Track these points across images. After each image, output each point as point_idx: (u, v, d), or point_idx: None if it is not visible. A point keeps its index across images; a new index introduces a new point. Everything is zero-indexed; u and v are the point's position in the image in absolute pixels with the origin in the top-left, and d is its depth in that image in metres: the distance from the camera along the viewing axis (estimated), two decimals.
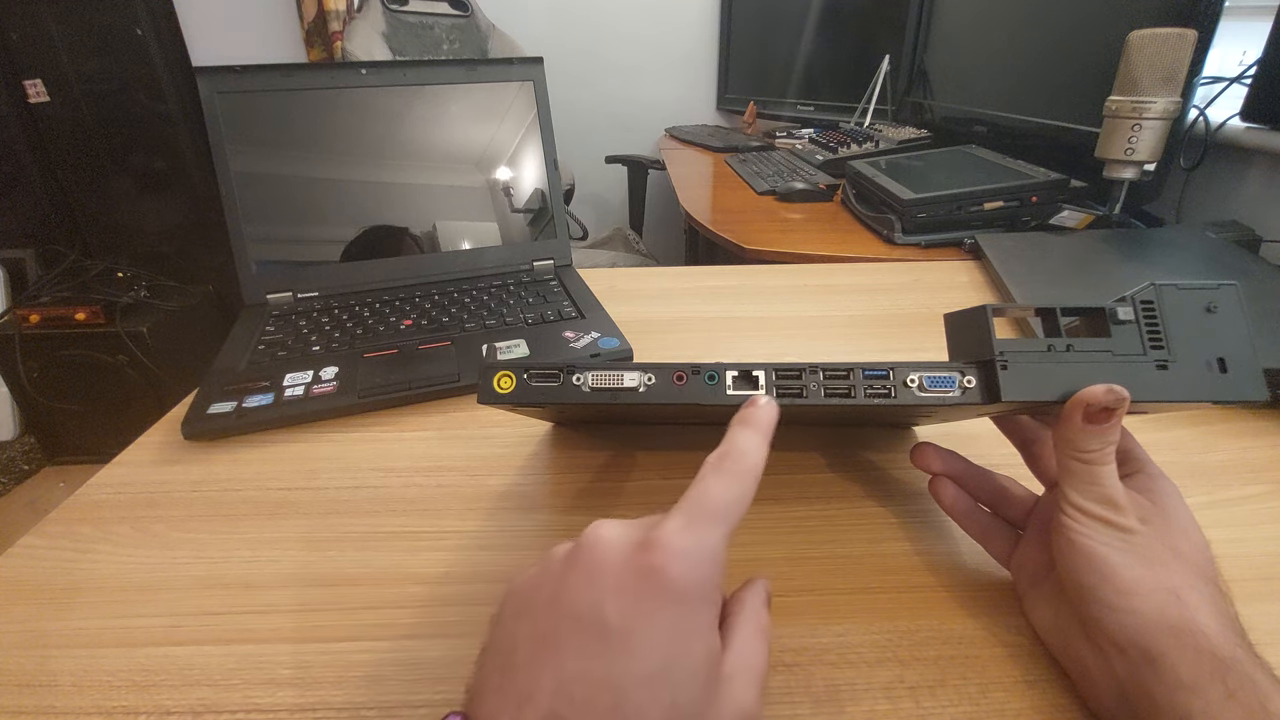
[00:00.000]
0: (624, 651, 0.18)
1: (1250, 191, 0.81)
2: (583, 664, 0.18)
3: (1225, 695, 0.20)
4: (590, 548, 0.20)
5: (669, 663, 0.18)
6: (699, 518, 0.20)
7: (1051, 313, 0.28)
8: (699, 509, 0.21)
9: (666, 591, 0.19)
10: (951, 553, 0.33)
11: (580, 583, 0.20)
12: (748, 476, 0.22)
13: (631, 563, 0.19)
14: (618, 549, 0.20)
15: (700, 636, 0.19)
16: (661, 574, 0.19)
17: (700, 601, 0.19)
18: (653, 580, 0.19)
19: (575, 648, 0.19)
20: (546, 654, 0.19)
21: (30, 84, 1.70)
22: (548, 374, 0.29)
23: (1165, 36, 0.64)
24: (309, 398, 0.45)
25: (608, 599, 0.19)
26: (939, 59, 1.21)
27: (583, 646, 0.18)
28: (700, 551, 0.20)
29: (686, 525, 0.20)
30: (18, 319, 1.50)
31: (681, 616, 0.19)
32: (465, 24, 1.60)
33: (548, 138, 0.66)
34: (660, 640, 0.18)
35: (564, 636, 0.19)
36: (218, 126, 0.58)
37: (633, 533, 0.21)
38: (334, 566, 0.33)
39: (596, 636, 0.18)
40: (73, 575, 0.33)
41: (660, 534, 0.20)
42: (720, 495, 0.21)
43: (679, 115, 2.05)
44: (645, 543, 0.20)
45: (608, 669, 0.18)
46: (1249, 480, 0.37)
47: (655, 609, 0.19)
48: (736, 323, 0.59)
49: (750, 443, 0.23)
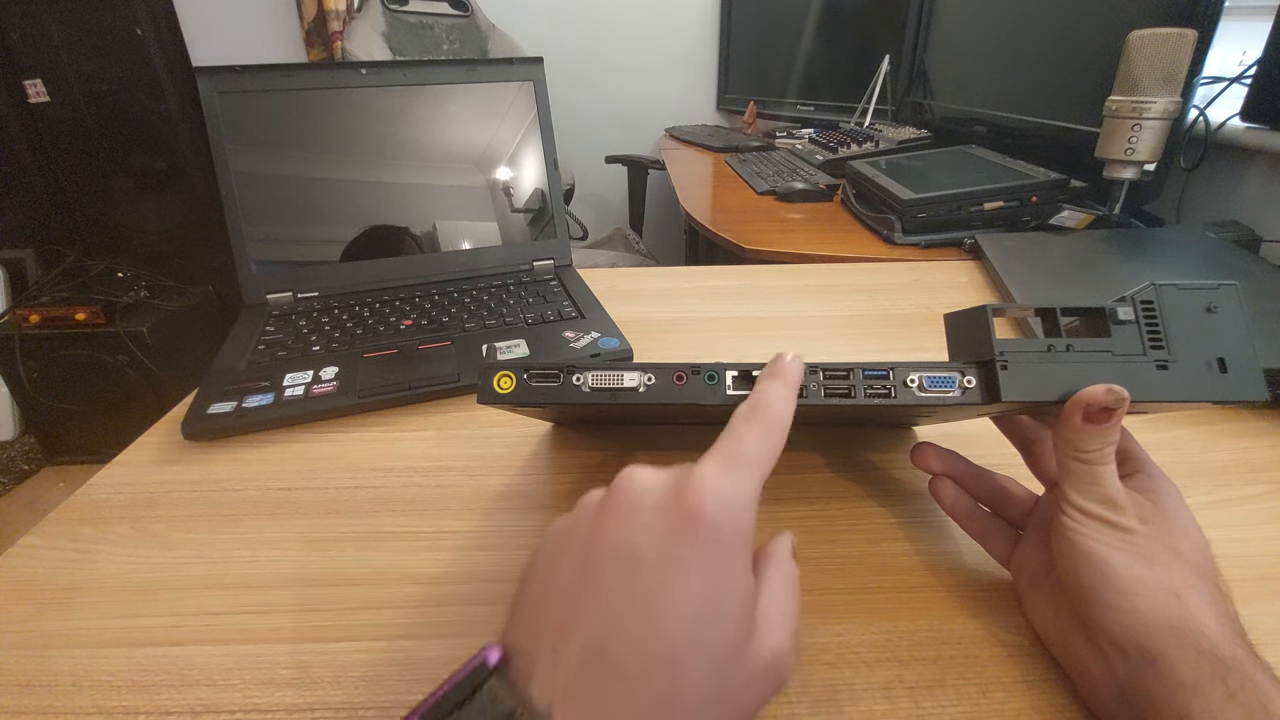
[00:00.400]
0: (663, 586, 0.18)
1: (1250, 191, 0.81)
2: (622, 599, 0.18)
3: (1225, 695, 0.20)
4: (626, 489, 0.20)
5: (707, 599, 0.18)
6: (734, 463, 0.20)
7: (1051, 313, 0.28)
8: (733, 455, 0.21)
9: (704, 530, 0.19)
10: (951, 553, 0.33)
11: (618, 522, 0.20)
12: (777, 427, 0.22)
13: (669, 502, 0.19)
14: (654, 490, 0.20)
15: (737, 575, 0.19)
16: (699, 513, 0.19)
17: (736, 543, 0.19)
18: (691, 519, 0.19)
19: (614, 584, 0.19)
20: (585, 590, 0.19)
21: (30, 84, 1.70)
22: (548, 374, 0.29)
23: (1165, 36, 0.64)
24: (309, 398, 0.45)
25: (645, 537, 0.19)
26: (939, 59, 1.21)
27: (622, 582, 0.19)
28: (737, 495, 0.20)
29: (723, 469, 0.20)
30: (18, 319, 1.50)
31: (719, 555, 0.19)
32: (465, 24, 1.60)
33: (548, 138, 0.66)
34: (699, 577, 0.19)
35: (603, 573, 0.19)
36: (218, 126, 0.58)
37: (667, 476, 0.21)
38: (333, 566, 0.33)
39: (635, 573, 0.18)
40: (73, 575, 0.33)
41: (697, 476, 0.20)
42: (753, 443, 0.21)
43: (679, 115, 2.05)
44: (682, 483, 0.20)
45: (647, 603, 0.18)
46: (1249, 480, 0.37)
47: (693, 547, 0.19)
48: (736, 323, 0.59)
49: (779, 394, 0.23)
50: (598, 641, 0.18)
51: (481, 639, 0.29)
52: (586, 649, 0.18)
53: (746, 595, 0.20)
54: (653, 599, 0.18)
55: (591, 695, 0.17)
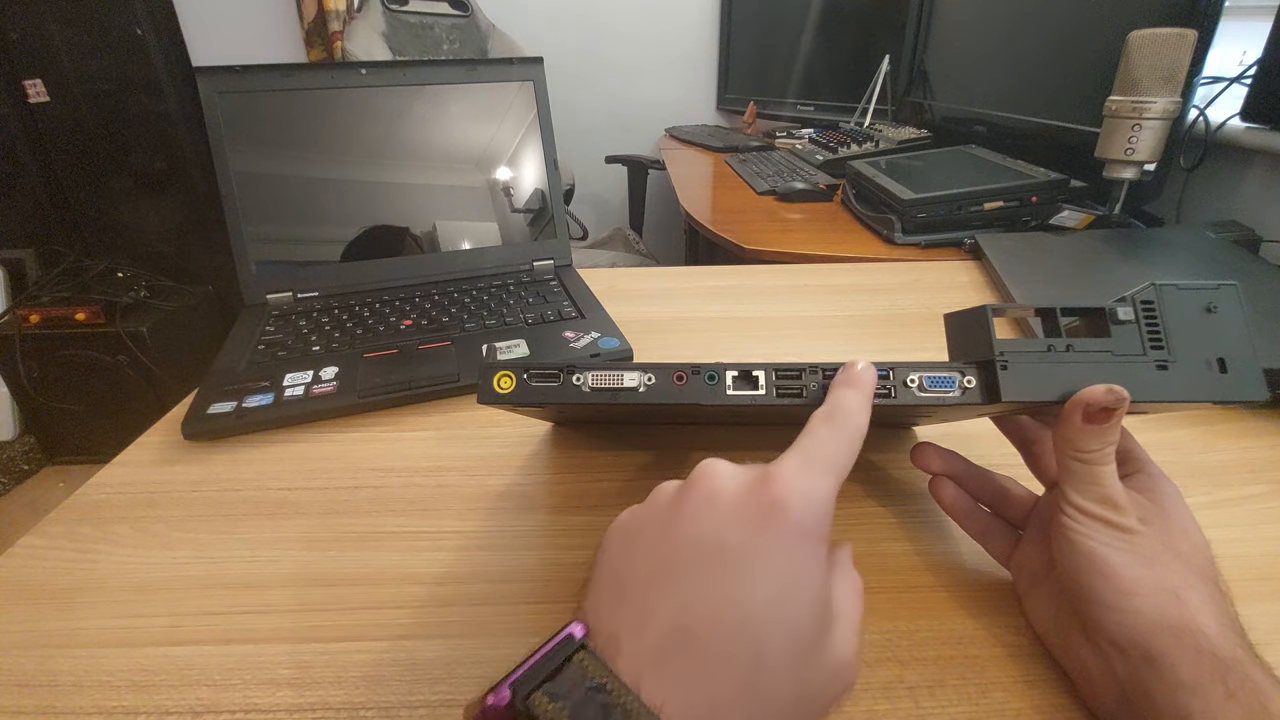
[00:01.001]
0: (746, 574, 0.18)
1: (1250, 191, 0.81)
2: (705, 585, 0.18)
3: (1225, 695, 0.20)
4: (708, 479, 0.21)
5: (789, 589, 0.19)
6: (815, 462, 0.21)
7: (1051, 313, 0.28)
8: (815, 455, 0.21)
9: (786, 523, 0.19)
10: (951, 553, 0.33)
11: (698, 512, 0.20)
12: (856, 434, 0.22)
13: (751, 494, 0.20)
14: (736, 482, 0.20)
15: (816, 568, 0.20)
16: (782, 506, 0.19)
17: (816, 537, 0.20)
18: (774, 511, 0.19)
19: (697, 571, 0.19)
20: (666, 577, 0.19)
21: (30, 84, 1.70)
22: (547, 374, 0.29)
23: (1165, 36, 0.64)
24: (309, 398, 0.45)
25: (728, 526, 0.19)
26: (939, 59, 1.21)
27: (704, 569, 0.19)
28: (818, 492, 0.20)
29: (804, 466, 0.20)
30: (18, 319, 1.50)
31: (800, 548, 0.19)
32: (465, 24, 1.60)
33: (548, 138, 0.66)
34: (781, 567, 0.19)
35: (684, 561, 0.19)
36: (218, 126, 0.58)
37: (747, 470, 0.21)
38: (333, 566, 0.33)
39: (718, 560, 0.19)
40: (73, 575, 0.33)
41: (780, 470, 0.20)
42: (833, 447, 0.22)
43: (679, 115, 2.05)
44: (765, 477, 0.20)
45: (731, 589, 0.18)
46: (1249, 480, 0.37)
47: (776, 537, 0.19)
48: (736, 323, 0.59)
49: (857, 403, 0.23)
50: (683, 622, 0.18)
51: (483, 639, 0.29)
52: (673, 629, 0.18)
53: (824, 588, 0.20)
54: (736, 583, 0.18)
55: (678, 671, 0.17)
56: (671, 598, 0.19)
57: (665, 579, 0.19)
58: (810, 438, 0.22)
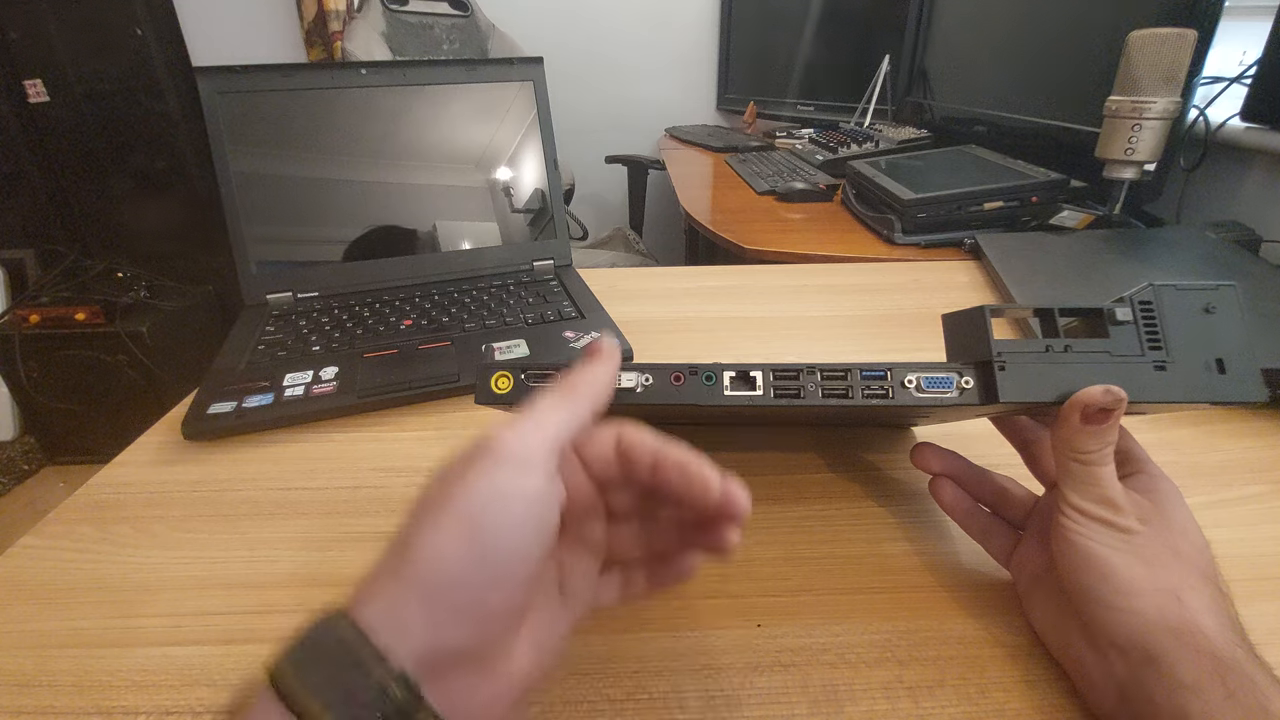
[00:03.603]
0: (459, 490, 0.20)
1: (1250, 191, 0.81)
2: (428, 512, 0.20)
3: (1225, 696, 0.20)
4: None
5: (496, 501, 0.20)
6: (528, 417, 0.22)
7: (1049, 313, 0.28)
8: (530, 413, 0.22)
9: (490, 453, 0.20)
10: (951, 553, 0.33)
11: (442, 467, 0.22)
12: (574, 396, 0.23)
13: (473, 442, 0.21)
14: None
15: (529, 485, 0.21)
16: (488, 442, 0.21)
17: (523, 464, 0.21)
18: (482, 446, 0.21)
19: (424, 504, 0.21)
20: (413, 513, 0.22)
21: (30, 84, 1.70)
22: (545, 374, 0.29)
23: (1165, 36, 0.64)
24: (309, 398, 0.45)
25: (454, 464, 0.21)
26: (939, 59, 1.21)
27: (431, 500, 0.21)
28: (525, 434, 0.21)
29: (518, 420, 0.22)
30: (18, 319, 1.50)
31: (504, 469, 0.20)
32: (465, 24, 1.60)
33: (548, 138, 0.66)
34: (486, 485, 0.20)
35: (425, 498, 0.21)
36: (218, 126, 0.58)
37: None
38: (333, 566, 0.33)
39: (440, 488, 0.21)
40: (72, 575, 0.33)
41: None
42: (548, 406, 0.22)
43: (679, 115, 2.05)
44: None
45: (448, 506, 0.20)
46: (1249, 480, 0.37)
47: (482, 464, 0.20)
48: (736, 323, 0.59)
49: (581, 374, 0.24)
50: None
51: None
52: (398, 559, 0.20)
53: (538, 501, 0.20)
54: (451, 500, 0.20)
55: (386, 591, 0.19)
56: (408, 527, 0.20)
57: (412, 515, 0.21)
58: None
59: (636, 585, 0.25)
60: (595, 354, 0.25)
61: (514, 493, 0.20)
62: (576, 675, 0.27)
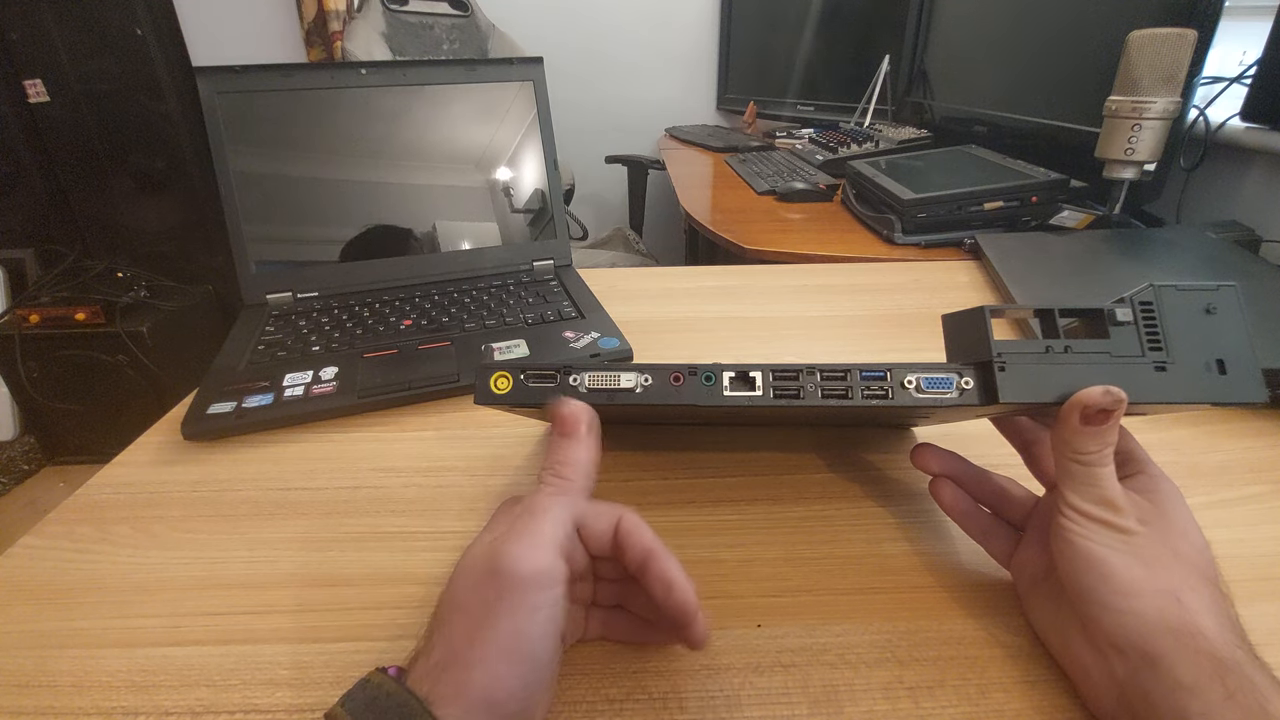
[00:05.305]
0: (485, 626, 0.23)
1: (1250, 191, 0.81)
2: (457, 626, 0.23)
3: (1224, 696, 0.20)
4: (467, 553, 0.25)
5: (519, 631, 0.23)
6: (525, 534, 0.24)
7: (1050, 314, 0.27)
8: (526, 525, 0.24)
9: (509, 589, 0.23)
10: (951, 553, 0.33)
11: (455, 579, 0.24)
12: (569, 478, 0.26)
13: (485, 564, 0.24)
14: (476, 550, 0.25)
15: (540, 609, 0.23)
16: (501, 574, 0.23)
17: (535, 587, 0.23)
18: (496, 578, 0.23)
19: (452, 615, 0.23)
20: (443, 612, 0.24)
21: (30, 84, 1.70)
22: (544, 375, 0.29)
23: (1165, 36, 0.64)
24: (309, 398, 0.45)
25: (469, 591, 0.24)
26: (939, 59, 1.21)
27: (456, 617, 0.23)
28: (535, 560, 0.23)
29: (518, 537, 0.24)
30: (18, 319, 1.50)
31: (520, 599, 0.23)
32: (465, 24, 1.60)
33: (548, 138, 0.66)
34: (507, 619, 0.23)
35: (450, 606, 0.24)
36: (218, 126, 0.58)
37: (487, 533, 0.26)
38: (333, 567, 0.33)
39: (463, 613, 0.23)
40: (73, 575, 0.33)
41: (505, 547, 0.24)
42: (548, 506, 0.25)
43: (679, 115, 2.05)
44: (492, 553, 0.24)
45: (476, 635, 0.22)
46: (1249, 480, 0.37)
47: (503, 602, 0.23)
48: (736, 323, 0.59)
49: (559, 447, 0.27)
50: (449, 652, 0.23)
51: None
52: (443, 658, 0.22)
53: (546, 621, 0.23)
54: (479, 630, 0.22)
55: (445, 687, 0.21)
56: (442, 631, 0.23)
57: (441, 614, 0.23)
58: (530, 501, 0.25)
59: (617, 627, 0.28)
60: (564, 430, 0.27)
61: (539, 604, 0.22)
62: (576, 675, 0.27)
